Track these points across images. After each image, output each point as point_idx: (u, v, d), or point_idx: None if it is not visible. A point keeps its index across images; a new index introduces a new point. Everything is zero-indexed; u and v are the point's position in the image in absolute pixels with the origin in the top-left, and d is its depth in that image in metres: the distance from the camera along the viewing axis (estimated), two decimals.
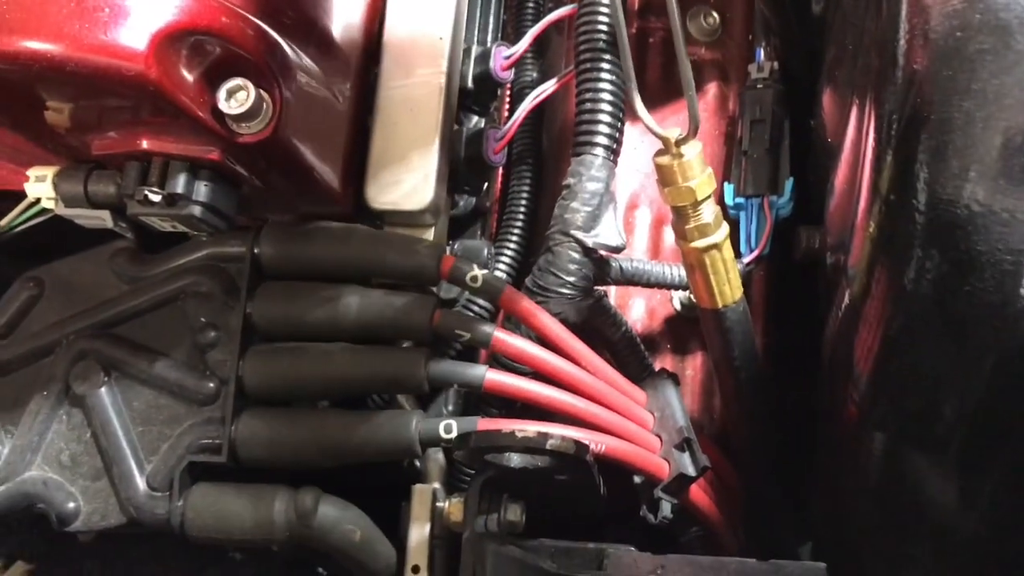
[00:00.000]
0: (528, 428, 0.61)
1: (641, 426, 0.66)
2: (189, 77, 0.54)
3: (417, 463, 0.70)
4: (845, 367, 0.59)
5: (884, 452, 0.59)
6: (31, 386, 0.67)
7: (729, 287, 0.64)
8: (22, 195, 0.64)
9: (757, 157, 0.75)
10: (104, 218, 0.62)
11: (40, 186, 0.61)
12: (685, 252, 0.62)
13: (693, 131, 0.57)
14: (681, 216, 0.61)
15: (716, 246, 0.62)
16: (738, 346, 0.66)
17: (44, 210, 0.64)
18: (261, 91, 0.55)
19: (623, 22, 0.55)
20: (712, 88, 0.86)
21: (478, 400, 0.70)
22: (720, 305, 0.64)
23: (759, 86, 0.78)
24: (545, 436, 0.59)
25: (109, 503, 0.65)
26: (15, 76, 0.52)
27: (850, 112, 0.60)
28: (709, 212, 0.61)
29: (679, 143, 0.58)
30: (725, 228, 0.62)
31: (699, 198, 0.59)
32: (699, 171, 0.59)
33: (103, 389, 0.66)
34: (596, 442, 0.63)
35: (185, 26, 0.53)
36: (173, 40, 0.52)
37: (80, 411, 0.66)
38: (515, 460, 0.62)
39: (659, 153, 0.59)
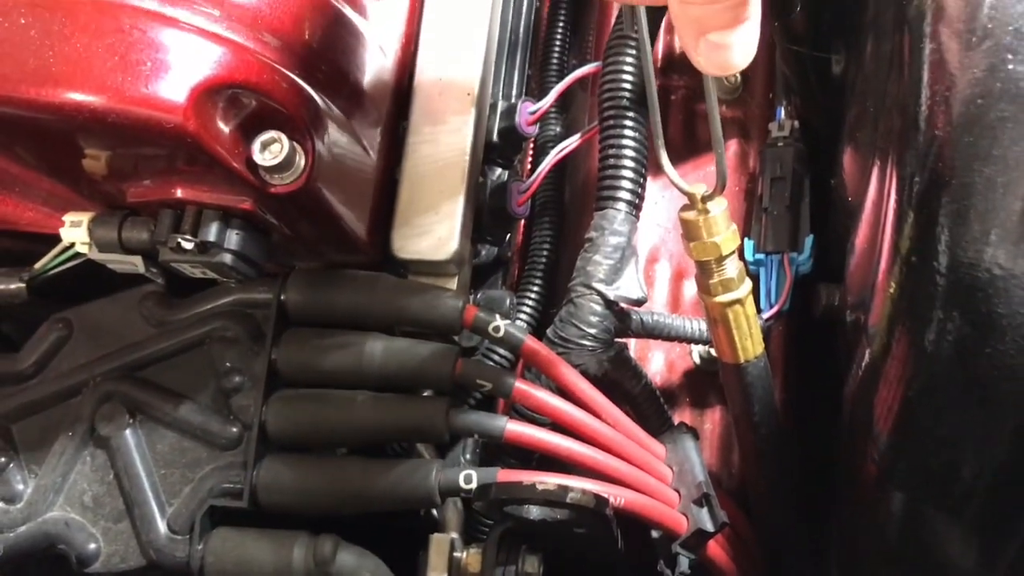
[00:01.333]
0: (548, 480, 0.61)
1: (660, 480, 0.67)
2: (225, 129, 0.55)
3: (435, 512, 0.70)
4: (865, 425, 0.60)
5: (903, 512, 0.59)
6: (57, 427, 0.68)
7: (751, 342, 0.64)
8: (54, 238, 0.66)
9: (777, 214, 0.76)
10: (136, 263, 0.63)
11: (75, 231, 0.63)
12: (708, 307, 0.63)
13: (720, 188, 0.58)
14: (705, 271, 0.61)
15: (739, 301, 0.62)
16: (758, 401, 0.67)
17: (77, 254, 0.65)
18: (295, 143, 0.56)
19: (653, 78, 0.56)
20: (733, 145, 0.87)
21: (496, 450, 0.71)
22: (742, 360, 0.65)
23: (779, 144, 0.79)
24: (565, 489, 0.59)
25: (130, 545, 0.66)
26: (57, 125, 0.54)
27: (871, 173, 0.61)
28: (733, 267, 0.61)
29: (705, 199, 0.59)
30: (748, 283, 0.63)
31: (724, 253, 0.60)
32: (724, 227, 0.60)
33: (128, 431, 0.67)
34: (615, 495, 0.63)
35: (224, 80, 0.54)
36: (211, 93, 0.54)
37: (104, 452, 0.67)
38: (534, 512, 0.62)
39: (684, 208, 0.60)
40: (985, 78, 0.48)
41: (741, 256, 0.74)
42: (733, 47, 0.45)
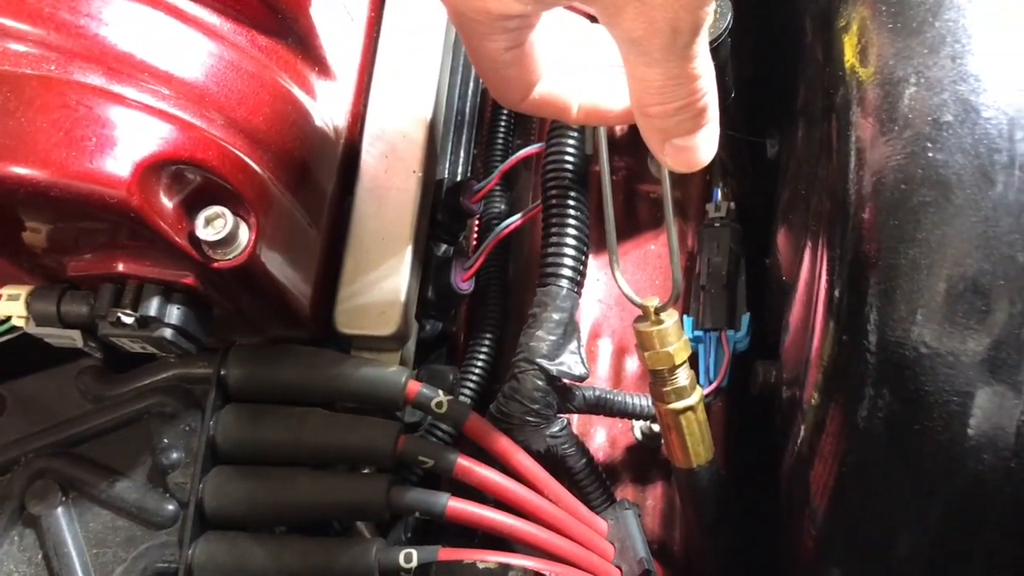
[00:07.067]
0: (489, 558, 0.60)
1: (602, 557, 0.66)
2: (169, 204, 0.55)
3: None
4: (801, 501, 0.60)
5: None
6: None
7: (703, 447, 0.66)
8: None
9: (714, 292, 0.78)
10: (74, 338, 0.62)
11: (12, 304, 0.61)
12: (662, 413, 0.65)
13: (674, 299, 0.60)
14: (659, 379, 0.63)
15: (691, 408, 0.64)
16: (711, 504, 0.68)
17: (14, 328, 0.64)
18: (239, 218, 0.57)
19: (612, 217, 0.59)
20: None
21: (438, 526, 0.70)
22: (694, 464, 0.66)
23: (716, 224, 0.81)
24: (506, 567, 0.59)
25: None
26: None
27: (804, 253, 0.63)
28: (684, 376, 0.64)
29: (658, 311, 0.61)
30: (700, 391, 0.64)
31: (676, 363, 0.62)
32: (676, 337, 0.62)
33: (59, 509, 0.65)
34: (556, 573, 0.62)
35: (168, 156, 0.54)
36: (156, 169, 0.54)
37: (33, 532, 0.65)
38: None
39: (639, 319, 0.62)
40: (907, 164, 0.51)
41: (693, 364, 0.76)
42: (697, 149, 0.49)
